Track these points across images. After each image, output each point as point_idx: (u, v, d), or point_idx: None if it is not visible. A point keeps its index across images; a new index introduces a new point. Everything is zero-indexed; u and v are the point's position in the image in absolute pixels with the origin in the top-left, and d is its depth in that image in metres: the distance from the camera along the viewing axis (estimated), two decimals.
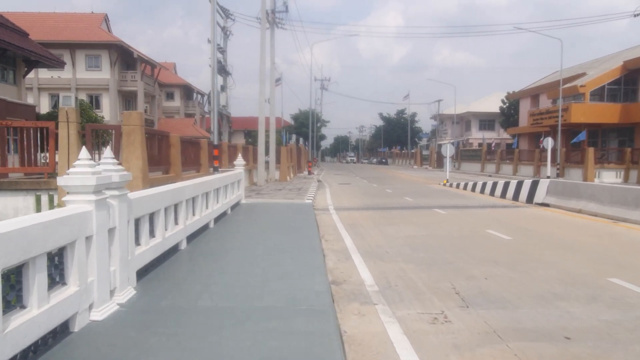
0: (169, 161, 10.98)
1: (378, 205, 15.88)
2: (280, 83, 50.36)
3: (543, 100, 43.43)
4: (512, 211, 14.46)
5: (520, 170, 35.56)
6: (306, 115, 70.64)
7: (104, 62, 45.30)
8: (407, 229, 10.81)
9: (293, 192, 19.65)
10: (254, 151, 24.18)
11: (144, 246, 5.76)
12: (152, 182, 9.34)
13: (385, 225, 11.42)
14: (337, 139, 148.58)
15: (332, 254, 8.14)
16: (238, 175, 13.92)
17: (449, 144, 26.18)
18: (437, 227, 11.20)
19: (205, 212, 9.18)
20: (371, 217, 13.11)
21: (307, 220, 11.51)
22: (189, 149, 13.10)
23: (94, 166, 4.28)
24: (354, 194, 20.52)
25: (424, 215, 13.47)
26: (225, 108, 27.03)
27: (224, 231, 9.49)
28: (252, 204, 14.72)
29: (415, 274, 6.80)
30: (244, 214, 12.27)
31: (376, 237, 9.90)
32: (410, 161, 71.59)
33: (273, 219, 11.60)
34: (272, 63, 26.75)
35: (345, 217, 12.91)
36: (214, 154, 13.49)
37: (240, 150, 20.49)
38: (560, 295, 5.74)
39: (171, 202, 6.88)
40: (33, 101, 45.07)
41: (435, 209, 14.63)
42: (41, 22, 47.22)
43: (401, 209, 14.81)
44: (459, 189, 23.06)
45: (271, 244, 8.22)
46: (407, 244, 9.00)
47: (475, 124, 65.67)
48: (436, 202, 16.89)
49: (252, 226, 10.38)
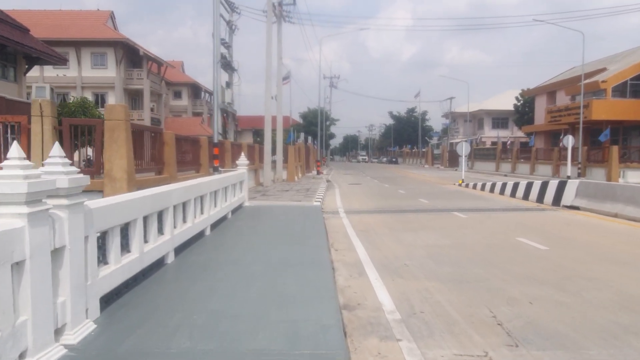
0: (162, 161, 9.94)
1: (391, 208, 14.74)
2: (288, 81, 49.24)
3: (560, 97, 41.90)
4: (540, 215, 13.23)
5: (538, 170, 34.15)
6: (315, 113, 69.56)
7: (109, 60, 44.58)
8: (427, 236, 9.66)
9: (300, 193, 18.56)
10: (260, 150, 23.14)
11: (114, 265, 4.70)
12: (140, 184, 8.30)
13: (402, 232, 10.29)
14: (346, 138, 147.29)
15: (343, 268, 7.04)
16: (240, 175, 12.87)
17: (465, 142, 24.94)
18: (459, 233, 10.04)
19: (199, 218, 8.12)
20: (385, 221, 11.98)
21: (315, 225, 10.41)
22: (187, 147, 12.08)
23: (29, 167, 3.22)
24: (365, 195, 19.39)
25: (442, 219, 12.30)
26: (231, 105, 26.03)
27: (221, 239, 8.42)
28: (256, 206, 13.66)
29: (443, 295, 5.67)
30: (246, 219, 11.21)
31: (392, 246, 8.77)
32: (421, 160, 70.22)
33: (277, 224, 10.52)
34: (279, 58, 25.69)
35: (356, 222, 11.80)
36: (214, 153, 12.46)
37: (244, 149, 19.43)
38: (629, 328, 4.59)
39: (153, 209, 5.82)
40: None
41: (454, 213, 13.45)
42: (46, 20, 46.69)
43: (417, 212, 13.65)
44: (476, 190, 21.82)
45: (273, 255, 7.13)
46: (428, 255, 7.87)
47: (488, 122, 64.09)
48: (454, 204, 15.70)
49: (253, 233, 9.31)
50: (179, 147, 11.07)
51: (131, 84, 45.54)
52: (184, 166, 11.81)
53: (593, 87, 32.22)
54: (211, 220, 9.02)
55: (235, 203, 11.97)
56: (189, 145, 12.20)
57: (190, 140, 12.39)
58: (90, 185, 8.02)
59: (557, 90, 43.41)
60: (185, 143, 11.91)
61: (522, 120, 54.49)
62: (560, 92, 42.47)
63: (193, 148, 12.39)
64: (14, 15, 28.89)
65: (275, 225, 10.35)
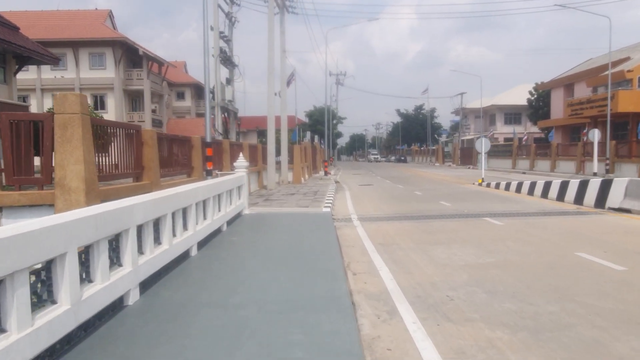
0: (141, 164, 8.24)
1: (411, 213, 12.95)
2: (293, 79, 47.60)
3: (579, 89, 39.85)
4: (587, 220, 11.39)
5: (559, 167, 32.14)
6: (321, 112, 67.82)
7: (108, 60, 43.17)
8: (464, 252, 7.88)
9: (308, 197, 16.82)
10: (264, 151, 21.43)
11: (17, 334, 2.98)
12: (107, 194, 6.60)
13: (430, 245, 8.51)
14: (352, 137, 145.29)
15: (366, 304, 5.29)
16: (239, 179, 11.15)
17: (484, 138, 23.07)
18: (502, 247, 8.24)
19: (181, 236, 6.41)
20: (407, 230, 10.21)
21: (325, 238, 8.66)
22: (175, 148, 10.37)
23: None
24: (379, 198, 17.60)
25: (475, 227, 10.51)
26: (232, 103, 24.33)
27: (208, 263, 6.69)
28: (258, 214, 11.94)
29: (519, 355, 3.89)
30: (244, 231, 9.48)
31: (424, 266, 7.01)
32: (431, 158, 68.26)
33: (280, 239, 8.76)
34: (282, 52, 23.97)
35: (374, 232, 10.04)
36: (207, 155, 10.73)
37: (245, 150, 17.73)
38: None
39: (100, 235, 4.10)
40: (36, 103, 43.19)
41: (485, 219, 11.65)
42: (43, 21, 45.37)
43: (442, 219, 11.86)
44: (499, 190, 19.94)
45: (273, 290, 5.38)
46: (475, 281, 6.10)
47: (500, 117, 62.00)
48: (481, 207, 13.89)
49: (250, 252, 7.57)
50: (163, 148, 9.37)
51: (131, 85, 44.13)
52: (172, 170, 10.11)
53: (618, 77, 30.19)
54: (199, 237, 7.31)
55: (232, 212, 10.25)
56: (177, 145, 10.49)
57: (179, 140, 10.68)
58: (37, 197, 6.36)
59: (575, 82, 41.35)
60: (173, 143, 10.20)
61: (536, 115, 52.37)
62: (578, 85, 40.42)
63: (183, 149, 10.69)
64: (8, 16, 27.45)
65: (278, 240, 8.60)
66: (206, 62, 10.91)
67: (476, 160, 50.60)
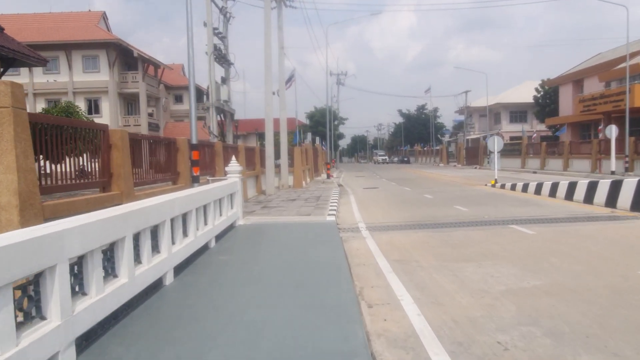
0: (108, 171, 6.87)
1: (425, 220, 11.55)
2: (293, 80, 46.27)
3: (589, 84, 38.43)
4: (633, 227, 9.97)
5: (573, 165, 30.67)
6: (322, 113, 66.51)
7: (102, 62, 41.95)
8: (500, 271, 6.49)
9: (310, 202, 15.44)
10: (262, 153, 20.07)
11: None
12: (57, 210, 5.22)
13: (457, 262, 7.12)
14: (354, 139, 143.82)
15: (390, 355, 3.91)
16: (231, 186, 9.78)
17: (497, 136, 21.64)
18: (545, 265, 6.84)
19: (149, 263, 5.03)
20: (425, 242, 8.82)
21: (331, 255, 7.28)
22: (156, 151, 9.00)
23: None
24: (387, 202, 16.20)
25: (502, 237, 9.11)
26: (228, 104, 22.97)
27: (182, 299, 5.29)
28: (253, 225, 10.55)
29: None
30: (235, 248, 8.09)
31: (455, 292, 5.62)
32: (435, 159, 66.89)
33: (277, 258, 7.37)
34: (280, 48, 22.63)
35: (386, 244, 8.66)
36: (193, 158, 9.32)
37: (241, 153, 16.37)
38: None
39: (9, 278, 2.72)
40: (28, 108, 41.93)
41: (512, 226, 10.25)
42: (36, 23, 44.23)
43: (462, 227, 10.47)
44: (515, 192, 18.52)
45: (262, 344, 3.99)
46: (527, 317, 4.70)
47: (505, 116, 60.53)
48: (502, 212, 12.49)
49: (238, 279, 6.18)
50: (139, 152, 8.00)
51: (126, 88, 42.88)
52: (152, 177, 8.73)
53: (634, 70, 28.75)
54: (176, 261, 5.93)
55: (223, 224, 8.87)
56: (159, 148, 9.11)
57: (162, 143, 9.30)
58: None
59: (584, 77, 39.93)
60: (153, 146, 8.82)
61: (543, 113, 50.92)
62: (589, 80, 39.01)
63: (166, 152, 9.31)
64: (3, 19, 26.24)
65: (275, 260, 7.21)
66: (189, 50, 9.52)
67: (482, 160, 49.18)
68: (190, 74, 9.66)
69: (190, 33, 9.36)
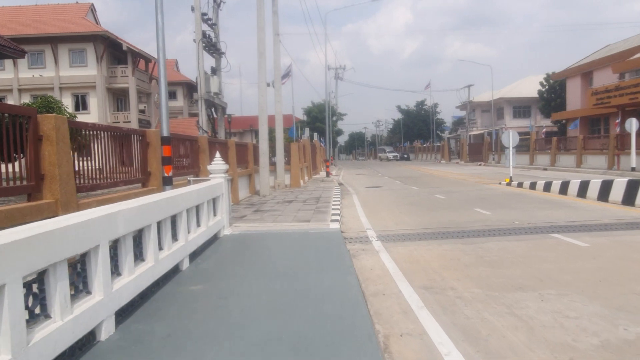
0: (38, 173, 5.04)
1: (446, 227, 9.76)
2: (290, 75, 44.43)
3: (600, 76, 36.68)
4: None
5: (587, 161, 28.92)
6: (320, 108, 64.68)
7: (89, 56, 40.00)
8: (576, 309, 4.69)
9: (309, 205, 13.62)
10: (255, 150, 18.25)
11: None
12: None
13: (509, 291, 5.32)
14: (351, 136, 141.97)
15: None
16: (212, 189, 7.95)
17: (511, 131, 19.86)
18: (632, 297, 5.05)
19: (55, 322, 3.21)
20: (455, 257, 7.03)
21: (338, 280, 5.49)
22: (117, 147, 7.15)
23: None
24: (395, 204, 14.39)
25: (550, 250, 7.31)
26: (219, 96, 21.10)
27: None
28: (241, 237, 8.73)
29: None
30: (213, 272, 6.26)
31: (525, 347, 3.83)
32: (436, 155, 65.13)
33: (267, 287, 5.53)
34: (275, 35, 20.79)
35: (407, 261, 6.87)
36: (163, 155, 7.45)
37: (232, 149, 14.53)
38: None
39: None
40: (13, 103, 39.98)
41: (554, 235, 8.47)
42: (20, 16, 42.24)
43: (493, 236, 8.68)
44: (536, 191, 16.72)
45: None
46: None
47: (508, 111, 58.82)
48: (534, 216, 10.72)
49: (210, 327, 4.36)
50: (88, 146, 6.15)
51: (115, 83, 40.96)
52: (111, 179, 6.89)
53: None
54: (118, 302, 4.10)
55: (201, 237, 7.06)
56: (122, 143, 7.26)
57: (124, 135, 7.43)
58: None
59: (594, 69, 38.19)
60: (113, 138, 6.97)
61: (548, 108, 49.22)
62: (599, 72, 37.26)
63: (127, 147, 7.44)
64: None
65: (263, 291, 5.37)
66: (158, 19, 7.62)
67: (487, 157, 47.44)
68: (160, 48, 7.77)
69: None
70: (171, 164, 7.52)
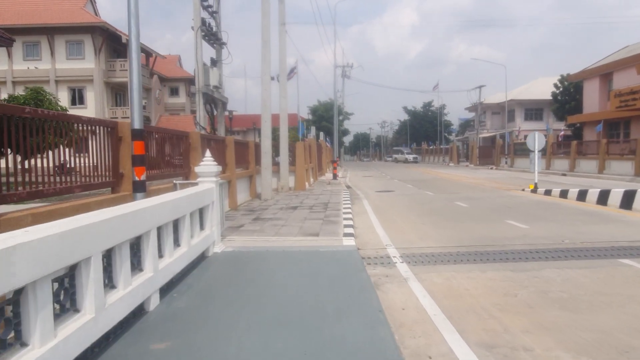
0: None
1: (481, 244, 8.09)
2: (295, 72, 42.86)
3: (620, 78, 34.87)
4: None
5: (610, 167, 27.16)
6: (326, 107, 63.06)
7: (87, 49, 38.47)
8: None
9: (316, 212, 11.98)
10: (257, 149, 16.64)
11: None
12: None
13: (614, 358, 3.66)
14: (356, 136, 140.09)
15: None
16: (199, 197, 6.31)
17: (537, 133, 18.15)
18: None
19: None
20: (511, 293, 5.38)
21: (364, 332, 3.85)
22: (81, 142, 5.53)
23: None
24: (413, 213, 12.72)
25: (634, 286, 5.65)
26: (219, 90, 19.48)
27: None
28: (234, 255, 7.08)
29: None
30: (190, 316, 4.59)
31: None
32: (444, 158, 63.36)
33: (266, 344, 3.86)
34: (280, 25, 19.17)
35: (448, 297, 5.24)
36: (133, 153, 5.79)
37: (230, 147, 12.91)
38: None
39: None
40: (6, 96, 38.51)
41: (626, 261, 6.80)
42: (16, 6, 40.74)
43: (546, 261, 7.01)
44: (569, 200, 15.00)
45: None
46: None
47: (520, 113, 57.00)
48: (583, 233, 9.05)
49: None
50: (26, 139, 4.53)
51: (114, 77, 39.44)
52: (63, 183, 5.26)
53: None
54: None
55: (180, 262, 5.41)
56: (89, 138, 5.64)
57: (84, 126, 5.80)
58: None
59: (614, 70, 36.36)
60: (68, 131, 5.35)
61: (562, 110, 47.38)
62: (619, 73, 35.44)
63: (96, 143, 5.83)
64: None
65: (260, 356, 3.71)
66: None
67: (498, 160, 45.68)
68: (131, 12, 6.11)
69: None
70: (144, 165, 5.87)
